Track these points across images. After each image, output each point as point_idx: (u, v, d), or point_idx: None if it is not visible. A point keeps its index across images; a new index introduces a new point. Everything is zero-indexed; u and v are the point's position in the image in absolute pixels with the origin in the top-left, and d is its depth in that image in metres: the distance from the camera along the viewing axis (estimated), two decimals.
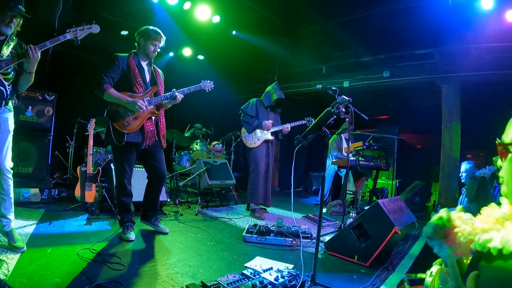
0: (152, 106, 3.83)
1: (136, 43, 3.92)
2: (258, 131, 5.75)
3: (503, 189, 1.16)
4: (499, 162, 1.22)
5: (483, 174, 5.20)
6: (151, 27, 3.88)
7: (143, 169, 4.24)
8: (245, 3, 6.99)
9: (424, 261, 3.63)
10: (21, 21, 2.96)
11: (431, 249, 1.21)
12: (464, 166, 5.90)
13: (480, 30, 6.19)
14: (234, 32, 8.14)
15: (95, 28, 3.18)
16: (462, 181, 5.74)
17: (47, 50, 2.90)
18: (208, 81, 4.27)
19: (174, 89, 3.93)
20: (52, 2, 5.53)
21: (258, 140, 5.75)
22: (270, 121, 5.81)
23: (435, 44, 6.88)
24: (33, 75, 2.97)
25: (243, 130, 5.92)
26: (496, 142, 1.19)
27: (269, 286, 2.53)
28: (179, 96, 3.95)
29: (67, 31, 3.02)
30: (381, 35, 7.34)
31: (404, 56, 7.36)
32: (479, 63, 6.38)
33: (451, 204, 6.24)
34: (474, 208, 4.75)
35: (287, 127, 5.82)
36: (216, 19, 7.26)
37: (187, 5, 6.69)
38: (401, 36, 7.12)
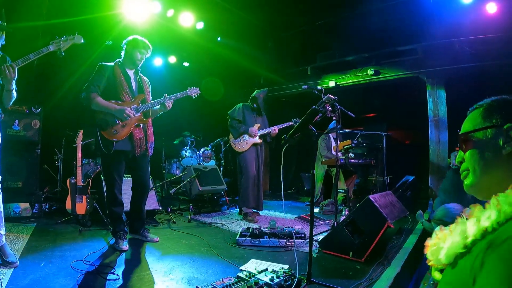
0: (139, 114, 3.84)
1: (123, 52, 3.93)
2: (246, 135, 5.77)
3: (468, 181, 1.08)
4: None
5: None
6: (139, 37, 3.91)
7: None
8: (228, 8, 7.01)
9: (419, 254, 3.67)
10: (3, 35, 2.95)
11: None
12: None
13: (461, 24, 6.29)
14: (218, 39, 8.16)
15: (78, 39, 3.17)
16: None
17: (32, 62, 2.87)
18: (194, 87, 4.29)
19: (166, 94, 3.96)
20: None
21: (246, 144, 5.75)
22: (257, 125, 5.84)
23: (418, 40, 6.97)
24: (14, 91, 2.95)
25: (231, 135, 5.93)
26: (460, 134, 1.11)
27: (264, 286, 2.54)
28: (169, 103, 3.97)
29: (50, 42, 3.01)
30: (364, 34, 7.41)
31: (387, 53, 7.45)
32: (461, 56, 6.48)
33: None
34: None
35: (275, 129, 5.84)
36: (200, 25, 7.27)
37: (170, 13, 6.68)
38: (384, 34, 7.21)
